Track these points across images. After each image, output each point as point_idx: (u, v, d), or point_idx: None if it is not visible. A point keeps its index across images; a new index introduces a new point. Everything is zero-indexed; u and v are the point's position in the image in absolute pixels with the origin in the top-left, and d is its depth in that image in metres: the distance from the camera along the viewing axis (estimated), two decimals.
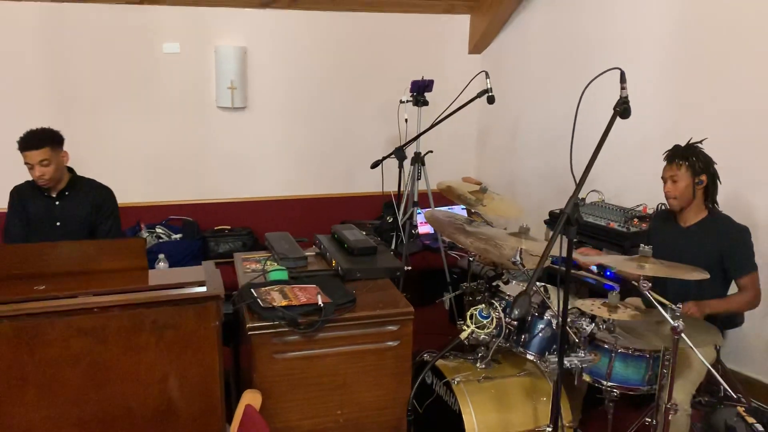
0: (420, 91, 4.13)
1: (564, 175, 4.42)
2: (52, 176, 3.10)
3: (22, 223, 3.20)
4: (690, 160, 2.68)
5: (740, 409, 2.21)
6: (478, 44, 5.19)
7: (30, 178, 3.21)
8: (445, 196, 3.39)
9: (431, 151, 4.18)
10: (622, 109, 2.00)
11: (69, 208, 3.22)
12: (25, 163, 3.09)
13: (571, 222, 1.83)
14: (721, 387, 3.04)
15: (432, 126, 3.82)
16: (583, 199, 3.82)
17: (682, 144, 2.76)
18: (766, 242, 3.22)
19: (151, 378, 2.23)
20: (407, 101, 4.19)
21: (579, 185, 1.92)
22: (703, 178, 2.69)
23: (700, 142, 2.75)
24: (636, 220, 3.50)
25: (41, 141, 3.07)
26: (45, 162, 3.06)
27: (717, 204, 2.79)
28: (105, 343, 2.16)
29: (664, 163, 2.76)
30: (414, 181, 4.16)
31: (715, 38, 3.43)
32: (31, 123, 3.24)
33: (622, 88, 2.01)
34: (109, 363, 2.17)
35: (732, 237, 2.70)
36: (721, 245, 2.69)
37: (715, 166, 2.73)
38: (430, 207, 4.20)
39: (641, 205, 3.66)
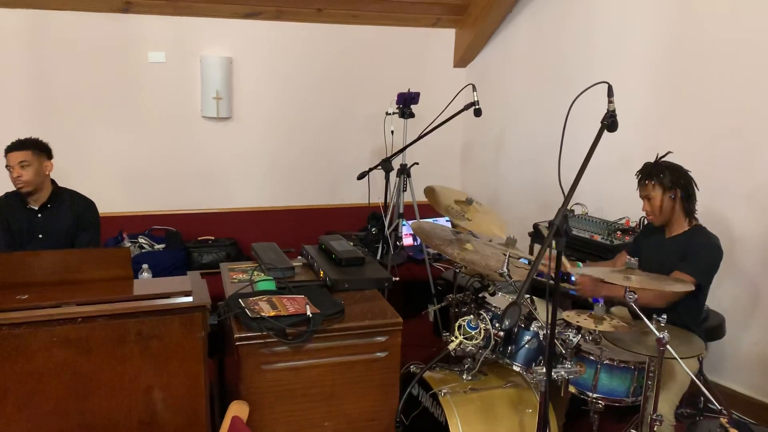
0: (406, 103, 4.16)
1: (547, 188, 4.50)
2: (29, 180, 3.08)
3: (6, 235, 3.16)
4: (658, 177, 2.73)
5: (723, 421, 2.23)
6: (463, 58, 5.24)
7: (9, 190, 3.18)
8: (430, 207, 3.40)
9: (417, 163, 4.20)
10: (610, 122, 2.03)
11: (51, 220, 3.19)
12: (6, 167, 3.08)
13: (560, 233, 1.85)
14: (702, 398, 3.09)
15: (419, 138, 3.85)
16: (572, 211, 3.85)
17: (651, 161, 2.80)
18: (743, 255, 3.29)
19: (135, 389, 2.20)
20: (393, 113, 4.22)
21: (568, 197, 1.94)
22: (677, 191, 2.73)
23: (665, 155, 2.79)
24: (619, 232, 3.55)
25: (25, 144, 3.11)
26: (24, 163, 3.07)
27: (695, 216, 2.81)
28: (89, 354, 2.13)
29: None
30: (399, 192, 4.17)
31: (696, 56, 3.51)
32: (12, 132, 3.23)
33: (610, 102, 2.04)
34: (93, 374, 2.14)
35: (698, 242, 2.73)
36: (687, 250, 2.72)
37: (690, 173, 2.75)
38: (415, 218, 4.21)
39: (624, 218, 3.71)
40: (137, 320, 2.16)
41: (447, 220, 4.64)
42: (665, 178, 2.72)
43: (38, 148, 3.13)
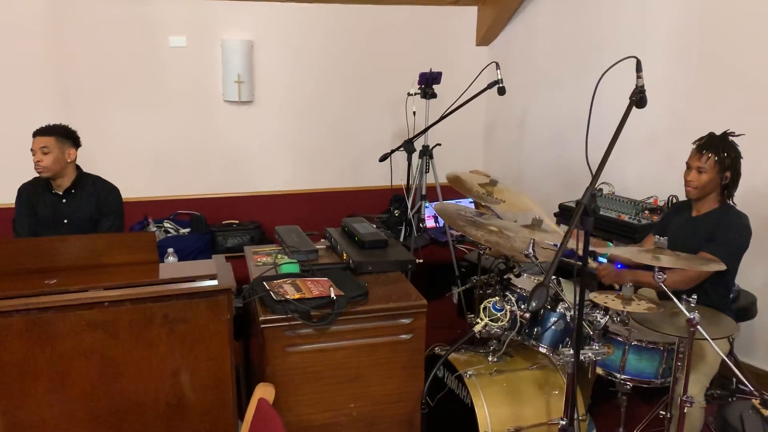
0: (428, 83, 4.11)
1: (571, 167, 4.43)
2: (47, 166, 3.11)
3: (31, 221, 3.20)
4: (720, 155, 2.62)
5: (755, 402, 2.18)
6: (485, 36, 5.16)
7: (35, 176, 3.22)
8: (453, 189, 3.37)
9: (440, 144, 4.16)
10: (639, 98, 1.97)
11: (76, 206, 3.22)
12: (31, 149, 3.11)
13: (588, 213, 1.81)
14: (733, 380, 3.04)
15: (442, 118, 3.80)
16: (600, 190, 3.78)
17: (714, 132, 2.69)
18: None
19: (162, 372, 2.21)
20: (415, 93, 4.17)
21: (596, 176, 1.89)
22: (728, 174, 2.63)
23: (737, 136, 2.66)
24: (647, 212, 3.48)
25: (50, 130, 3.13)
26: (45, 149, 3.10)
27: (733, 200, 2.74)
28: (116, 337, 2.15)
29: (693, 146, 2.70)
30: (422, 174, 4.14)
31: (724, 31, 3.40)
32: (36, 117, 3.24)
33: (639, 77, 1.98)
34: (121, 357, 2.16)
35: (726, 221, 2.65)
36: (715, 230, 2.65)
37: (742, 161, 2.66)
38: (437, 200, 4.18)
39: (652, 197, 3.63)
40: (164, 304, 2.17)
41: (470, 202, 4.60)
42: (727, 158, 2.62)
43: (63, 135, 3.15)
